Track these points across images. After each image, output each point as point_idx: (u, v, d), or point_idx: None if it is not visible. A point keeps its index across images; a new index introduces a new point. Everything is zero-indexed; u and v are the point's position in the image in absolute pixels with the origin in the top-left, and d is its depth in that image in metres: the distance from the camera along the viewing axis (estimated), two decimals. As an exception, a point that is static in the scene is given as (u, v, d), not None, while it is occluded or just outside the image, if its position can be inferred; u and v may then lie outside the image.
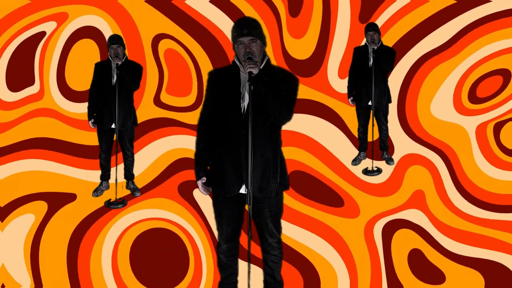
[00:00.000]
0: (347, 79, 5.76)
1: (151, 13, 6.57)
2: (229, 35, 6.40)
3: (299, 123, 5.85)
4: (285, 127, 2.94)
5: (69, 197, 4.86)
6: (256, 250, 3.23)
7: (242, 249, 3.15)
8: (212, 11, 6.60)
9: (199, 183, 2.94)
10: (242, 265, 3.19)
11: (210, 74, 2.92)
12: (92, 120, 4.90)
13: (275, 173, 2.86)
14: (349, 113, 5.94)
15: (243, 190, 2.83)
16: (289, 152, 5.35)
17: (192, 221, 4.41)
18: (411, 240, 4.21)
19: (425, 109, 6.45)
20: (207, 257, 3.96)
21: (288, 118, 2.81)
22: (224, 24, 6.52)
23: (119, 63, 4.68)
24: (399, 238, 4.24)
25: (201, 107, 2.99)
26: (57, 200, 4.77)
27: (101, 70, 4.82)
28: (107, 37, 5.08)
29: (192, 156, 5.41)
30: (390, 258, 3.99)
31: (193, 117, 6.13)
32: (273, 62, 3.00)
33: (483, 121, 6.22)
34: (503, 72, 6.44)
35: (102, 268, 3.88)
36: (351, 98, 5.68)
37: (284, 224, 3.09)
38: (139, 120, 5.14)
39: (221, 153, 2.86)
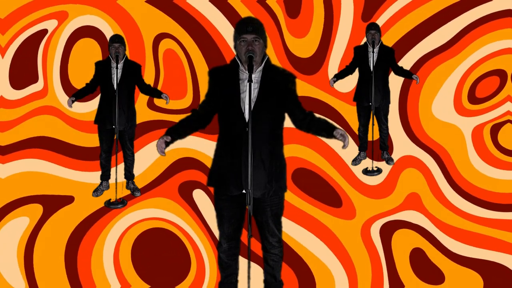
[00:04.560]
0: (348, 78, 5.77)
1: (152, 12, 6.57)
2: (227, 37, 6.47)
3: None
4: (287, 125, 2.94)
5: (66, 200, 4.84)
6: (257, 250, 3.22)
7: (243, 249, 3.15)
8: (212, 12, 6.60)
9: (162, 138, 2.82)
10: (242, 265, 3.18)
11: (211, 72, 2.92)
12: (74, 99, 4.85)
13: (272, 177, 2.85)
14: (350, 112, 5.94)
15: (244, 190, 2.82)
16: (292, 150, 5.38)
17: (191, 222, 4.41)
18: (412, 240, 4.21)
19: (426, 110, 6.46)
20: (209, 257, 3.96)
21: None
22: (222, 26, 6.52)
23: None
24: (399, 238, 4.24)
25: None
26: (53, 203, 4.74)
27: (102, 69, 4.81)
28: (107, 37, 5.09)
29: (191, 155, 5.39)
30: (391, 258, 3.98)
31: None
32: (275, 61, 3.01)
33: (481, 122, 6.23)
34: (500, 73, 6.45)
35: (104, 268, 3.87)
36: (335, 79, 5.69)
37: (285, 221, 3.08)
38: (138, 121, 5.13)
39: (224, 153, 2.85)
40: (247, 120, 2.72)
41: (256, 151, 2.75)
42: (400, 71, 5.67)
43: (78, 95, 4.94)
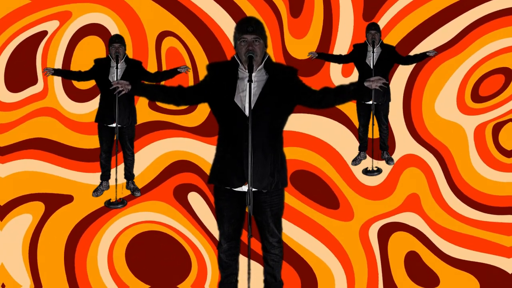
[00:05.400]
0: (350, 77, 5.79)
1: (155, 10, 6.57)
2: (230, 35, 6.46)
3: (302, 123, 5.86)
4: (288, 127, 2.93)
5: (66, 199, 4.86)
6: (257, 250, 3.22)
7: (243, 249, 3.15)
8: (215, 9, 6.60)
9: (124, 84, 2.93)
10: (242, 265, 3.18)
11: (209, 66, 2.93)
12: (53, 71, 4.91)
13: (274, 168, 2.83)
14: (353, 111, 5.94)
15: (244, 187, 2.82)
16: (292, 152, 5.39)
17: (187, 224, 4.42)
18: (407, 243, 4.20)
19: (430, 108, 6.44)
20: (211, 257, 3.97)
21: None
22: (225, 24, 6.52)
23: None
24: (396, 240, 4.23)
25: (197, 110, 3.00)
26: (54, 201, 4.77)
27: (100, 67, 4.82)
28: (112, 34, 5.11)
29: (187, 158, 5.39)
30: (386, 260, 3.98)
31: (188, 120, 6.14)
32: (275, 60, 2.99)
33: (483, 121, 6.22)
34: (505, 71, 6.45)
35: (99, 268, 3.90)
36: (317, 55, 5.75)
37: (284, 223, 3.08)
38: (138, 122, 5.13)
39: (225, 149, 2.84)
40: (247, 117, 2.70)
41: (257, 145, 2.74)
42: (410, 59, 5.64)
43: (61, 72, 5.02)
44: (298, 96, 2.85)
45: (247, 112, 2.74)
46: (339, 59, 5.79)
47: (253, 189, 2.76)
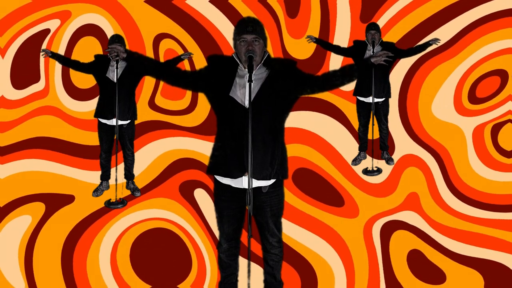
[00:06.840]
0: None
1: (151, 13, 6.59)
2: (227, 36, 6.50)
3: (303, 120, 5.86)
4: (289, 124, 2.92)
5: (67, 199, 4.85)
6: (257, 250, 3.22)
7: (243, 249, 3.15)
8: (212, 12, 6.62)
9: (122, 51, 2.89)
10: (242, 264, 3.18)
11: (210, 58, 2.92)
12: (50, 54, 4.96)
13: (274, 159, 2.82)
14: (352, 111, 5.95)
15: (245, 183, 2.80)
16: (294, 149, 5.39)
17: (192, 221, 4.42)
18: (409, 241, 4.20)
19: (426, 109, 6.47)
20: (210, 256, 3.96)
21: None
22: (223, 25, 6.53)
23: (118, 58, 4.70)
24: (397, 239, 4.23)
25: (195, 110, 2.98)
26: (55, 201, 4.76)
27: (99, 64, 4.81)
28: (109, 36, 5.12)
29: (190, 155, 5.40)
30: (388, 258, 3.97)
31: (187, 120, 6.13)
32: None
33: (481, 122, 6.24)
34: (501, 73, 6.47)
35: (100, 268, 3.87)
36: (315, 39, 5.77)
37: (285, 222, 3.09)
38: (137, 121, 5.13)
39: (224, 141, 2.83)
40: (246, 110, 2.71)
41: (257, 137, 2.73)
42: (412, 51, 5.59)
43: (59, 57, 5.03)
44: (300, 85, 2.84)
45: (246, 105, 2.74)
46: (337, 49, 5.77)
47: (253, 186, 2.76)
